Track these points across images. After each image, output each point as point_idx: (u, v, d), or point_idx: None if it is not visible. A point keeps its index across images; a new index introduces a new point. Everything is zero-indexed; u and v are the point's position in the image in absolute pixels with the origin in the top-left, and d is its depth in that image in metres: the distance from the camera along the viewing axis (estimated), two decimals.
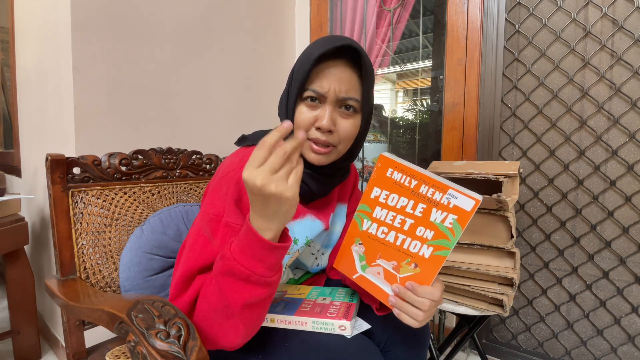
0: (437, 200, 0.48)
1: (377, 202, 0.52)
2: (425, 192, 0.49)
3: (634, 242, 1.11)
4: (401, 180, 0.50)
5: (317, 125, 0.58)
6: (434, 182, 0.48)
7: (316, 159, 0.60)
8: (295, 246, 0.65)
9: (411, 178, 0.49)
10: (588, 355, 1.21)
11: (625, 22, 1.09)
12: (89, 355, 0.76)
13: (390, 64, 1.67)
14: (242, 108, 1.52)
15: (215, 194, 0.58)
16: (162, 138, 1.22)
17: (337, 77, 0.57)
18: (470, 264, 0.91)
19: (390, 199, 0.51)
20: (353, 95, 0.59)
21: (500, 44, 1.27)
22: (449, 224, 0.48)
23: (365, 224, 0.53)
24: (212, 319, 0.50)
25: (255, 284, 0.47)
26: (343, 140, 0.61)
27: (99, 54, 1.06)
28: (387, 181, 0.51)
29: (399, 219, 0.51)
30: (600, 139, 1.15)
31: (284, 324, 0.58)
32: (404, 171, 0.50)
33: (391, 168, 0.50)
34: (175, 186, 0.94)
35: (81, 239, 0.76)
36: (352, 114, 0.60)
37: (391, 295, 0.54)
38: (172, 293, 0.55)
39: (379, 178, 0.51)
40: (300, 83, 0.57)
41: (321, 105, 0.59)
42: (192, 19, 1.30)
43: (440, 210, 0.48)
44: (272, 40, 1.66)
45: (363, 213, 0.53)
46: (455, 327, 1.10)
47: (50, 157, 0.72)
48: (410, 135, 1.65)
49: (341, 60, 0.58)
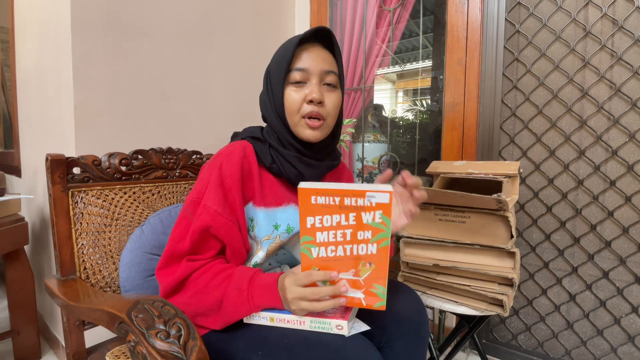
0: (362, 205, 0.54)
1: (315, 228, 0.55)
2: (349, 202, 0.54)
3: (634, 242, 1.11)
4: (326, 202, 0.54)
5: (308, 98, 0.65)
6: (352, 192, 0.54)
7: (312, 134, 0.67)
8: (275, 231, 0.68)
9: (333, 196, 0.54)
10: (588, 355, 1.21)
11: (625, 22, 1.09)
12: (89, 355, 0.76)
13: (390, 64, 1.67)
14: (242, 108, 1.52)
15: (199, 180, 0.66)
16: (162, 138, 1.22)
17: (317, 55, 0.67)
18: (470, 264, 0.91)
19: (325, 221, 0.55)
20: (332, 68, 0.68)
21: (500, 44, 1.27)
22: (379, 220, 0.55)
23: (314, 252, 0.57)
24: (191, 310, 0.61)
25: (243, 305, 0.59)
26: (330, 113, 0.68)
27: (99, 54, 1.06)
28: (315, 208, 0.54)
29: (340, 233, 0.56)
30: (600, 139, 1.15)
31: (282, 323, 0.59)
32: (324, 193, 0.54)
33: (313, 195, 0.54)
34: (175, 186, 0.94)
35: (81, 239, 0.76)
36: (334, 88, 0.69)
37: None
38: (159, 265, 0.64)
39: (306, 208, 0.54)
40: (285, 67, 0.65)
41: (306, 84, 0.67)
42: (192, 18, 1.30)
43: (368, 212, 0.54)
44: (272, 40, 1.66)
45: (308, 243, 0.56)
46: (455, 327, 1.10)
47: (50, 157, 0.72)
48: (410, 135, 1.65)
49: (317, 43, 0.68)
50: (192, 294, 0.61)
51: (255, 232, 0.67)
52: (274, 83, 0.68)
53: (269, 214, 0.68)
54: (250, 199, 0.67)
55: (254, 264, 0.68)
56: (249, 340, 0.59)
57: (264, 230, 0.67)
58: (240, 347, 0.59)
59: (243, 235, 0.66)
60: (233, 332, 0.61)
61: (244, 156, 0.67)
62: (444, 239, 0.94)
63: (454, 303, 0.92)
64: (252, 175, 0.67)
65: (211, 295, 0.59)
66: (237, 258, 0.66)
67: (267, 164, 0.68)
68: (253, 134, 0.72)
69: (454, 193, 0.86)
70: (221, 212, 0.62)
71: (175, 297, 0.62)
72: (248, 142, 0.70)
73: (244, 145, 0.69)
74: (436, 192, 0.89)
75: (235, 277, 0.60)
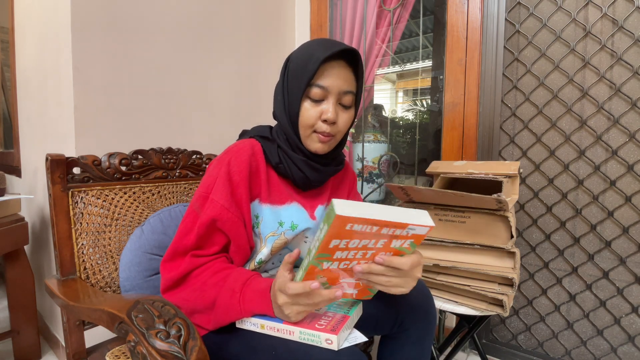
0: (397, 235, 0.51)
1: (337, 248, 0.50)
2: (387, 232, 0.50)
3: (634, 242, 1.11)
4: (362, 229, 0.48)
5: (323, 117, 0.66)
6: (394, 223, 0.49)
7: (320, 147, 0.68)
8: (280, 228, 0.69)
9: (372, 225, 0.48)
10: (588, 355, 1.21)
11: (625, 22, 1.09)
12: (89, 355, 0.76)
13: (390, 64, 1.67)
14: (242, 108, 1.52)
15: (207, 175, 0.67)
16: (162, 138, 1.22)
17: (339, 74, 0.66)
18: (470, 264, 0.91)
19: (351, 243, 0.50)
20: (351, 89, 0.68)
21: (500, 44, 1.27)
22: (406, 245, 0.53)
23: (325, 265, 0.52)
24: (188, 307, 0.62)
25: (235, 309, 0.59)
26: (341, 131, 0.70)
27: (99, 54, 1.06)
28: (346, 232, 0.48)
29: (361, 253, 0.52)
30: (600, 139, 1.15)
31: (272, 331, 0.57)
32: (364, 222, 0.47)
33: (350, 223, 0.47)
34: (175, 186, 0.94)
35: (81, 239, 0.76)
36: (348, 109, 0.70)
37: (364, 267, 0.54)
38: (164, 257, 0.64)
39: (337, 233, 0.48)
40: (306, 81, 0.64)
41: (324, 101, 0.66)
42: (193, 18, 1.30)
43: (401, 239, 0.52)
44: (272, 40, 1.66)
45: (322, 259, 0.51)
46: (455, 327, 1.10)
47: (50, 157, 0.72)
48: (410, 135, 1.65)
49: (342, 60, 0.66)
50: (191, 291, 0.61)
51: (260, 228, 0.68)
52: (292, 91, 0.67)
53: (274, 211, 0.69)
54: (257, 195, 0.68)
55: (258, 260, 0.69)
56: (240, 345, 0.59)
57: (268, 226, 0.68)
58: (233, 353, 0.59)
59: (248, 232, 0.67)
60: (227, 337, 0.61)
61: (253, 154, 0.68)
62: (444, 239, 0.94)
63: (454, 303, 0.92)
64: (260, 172, 0.68)
65: (207, 294, 0.60)
66: (240, 254, 0.67)
67: (274, 163, 0.69)
68: (262, 133, 0.72)
69: (454, 193, 0.86)
70: (228, 207, 0.63)
71: (175, 292, 0.62)
72: (256, 141, 0.71)
73: (252, 143, 0.70)
74: (436, 192, 0.89)
75: (231, 278, 0.60)
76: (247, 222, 0.66)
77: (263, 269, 0.74)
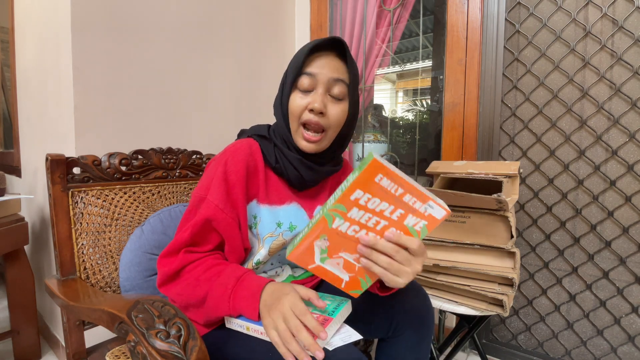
0: (416, 209, 0.50)
1: (357, 203, 0.50)
2: (408, 200, 0.50)
3: (634, 242, 1.11)
4: (388, 187, 0.48)
5: (309, 107, 0.65)
6: (418, 192, 0.49)
7: (307, 146, 0.67)
8: (278, 229, 0.68)
9: (399, 186, 0.48)
10: (588, 355, 1.21)
11: (625, 22, 1.09)
12: (89, 355, 0.76)
13: (390, 64, 1.67)
14: (242, 108, 1.52)
15: (205, 175, 0.67)
16: (162, 138, 1.22)
17: (328, 62, 0.66)
18: (470, 264, 0.91)
19: (371, 202, 0.50)
20: (342, 77, 0.66)
21: (500, 44, 1.27)
22: (418, 228, 0.52)
23: (336, 222, 0.51)
24: (182, 300, 0.62)
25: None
26: (332, 125, 0.67)
27: (99, 54, 1.06)
28: (373, 186, 0.48)
29: (374, 220, 0.51)
30: (600, 139, 1.15)
31: (256, 334, 0.57)
32: (393, 179, 0.48)
33: (381, 174, 0.47)
34: (175, 186, 0.94)
35: (81, 239, 0.76)
36: (341, 100, 0.68)
37: (361, 245, 0.53)
38: (161, 253, 0.65)
39: (365, 181, 0.48)
40: (296, 70, 0.65)
41: (313, 92, 0.66)
42: (193, 18, 1.30)
43: (416, 217, 0.51)
44: (272, 40, 1.66)
45: (337, 212, 0.51)
46: (455, 327, 1.10)
47: (50, 157, 0.72)
48: (410, 135, 1.65)
49: (331, 51, 0.67)
50: (185, 285, 0.61)
51: (258, 229, 0.68)
52: (286, 85, 0.68)
53: (272, 211, 0.69)
54: (255, 196, 0.68)
55: (256, 261, 0.69)
56: (239, 346, 0.59)
57: (267, 227, 0.68)
58: (232, 354, 0.59)
59: (243, 234, 0.66)
60: (226, 337, 0.61)
61: (250, 154, 0.67)
62: (444, 239, 0.94)
63: (454, 303, 0.92)
64: (258, 172, 0.68)
65: (200, 288, 0.60)
66: (234, 255, 0.67)
67: (272, 163, 0.69)
68: (259, 132, 0.72)
69: (454, 193, 0.86)
70: (222, 207, 0.63)
71: (169, 286, 0.63)
72: (254, 140, 0.71)
73: (250, 143, 0.69)
74: (436, 192, 0.89)
75: (225, 274, 0.60)
76: (242, 223, 0.66)
77: (261, 270, 0.74)
